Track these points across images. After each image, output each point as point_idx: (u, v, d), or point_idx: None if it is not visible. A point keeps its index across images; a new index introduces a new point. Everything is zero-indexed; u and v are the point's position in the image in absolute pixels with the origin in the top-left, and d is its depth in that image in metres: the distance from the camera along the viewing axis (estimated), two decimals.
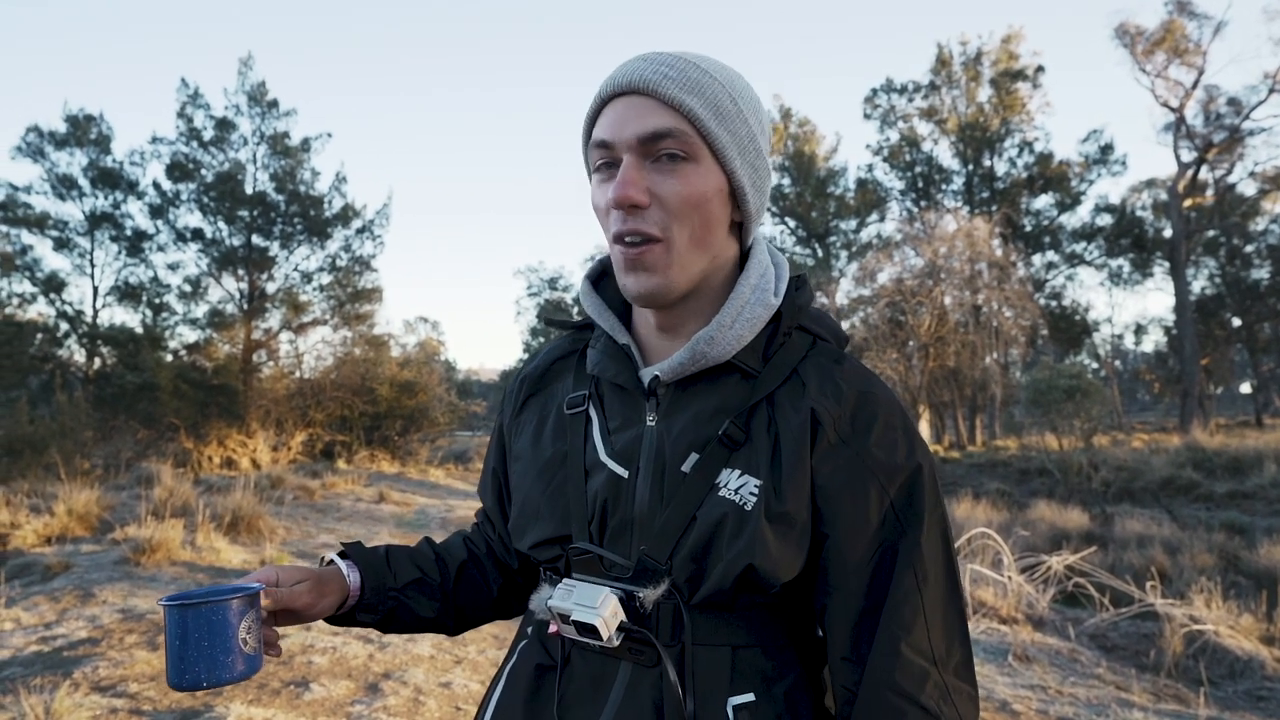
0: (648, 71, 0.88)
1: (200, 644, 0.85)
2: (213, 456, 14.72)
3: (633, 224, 0.88)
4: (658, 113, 0.88)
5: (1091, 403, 18.21)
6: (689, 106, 0.87)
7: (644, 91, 0.88)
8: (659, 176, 0.88)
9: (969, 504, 12.64)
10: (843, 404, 0.90)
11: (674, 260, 0.89)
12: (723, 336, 0.91)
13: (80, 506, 7.02)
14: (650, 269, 0.89)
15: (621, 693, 0.88)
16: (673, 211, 0.88)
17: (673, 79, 0.88)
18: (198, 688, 0.86)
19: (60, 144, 21.17)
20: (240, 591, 0.89)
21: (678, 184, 0.88)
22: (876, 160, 35.41)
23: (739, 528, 0.86)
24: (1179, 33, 29.08)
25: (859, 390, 0.92)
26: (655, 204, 0.88)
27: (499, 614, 1.17)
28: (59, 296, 20.99)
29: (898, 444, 0.90)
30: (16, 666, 3.77)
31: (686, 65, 0.90)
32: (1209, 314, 34.11)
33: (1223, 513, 13.04)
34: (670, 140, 0.88)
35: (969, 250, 23.99)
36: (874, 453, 0.88)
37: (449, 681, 3.84)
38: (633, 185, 0.87)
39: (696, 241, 0.90)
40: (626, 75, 0.89)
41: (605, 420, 0.98)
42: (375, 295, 22.87)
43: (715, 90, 0.90)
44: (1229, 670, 5.36)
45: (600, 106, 0.92)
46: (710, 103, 0.89)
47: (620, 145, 0.89)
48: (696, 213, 0.89)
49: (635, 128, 0.88)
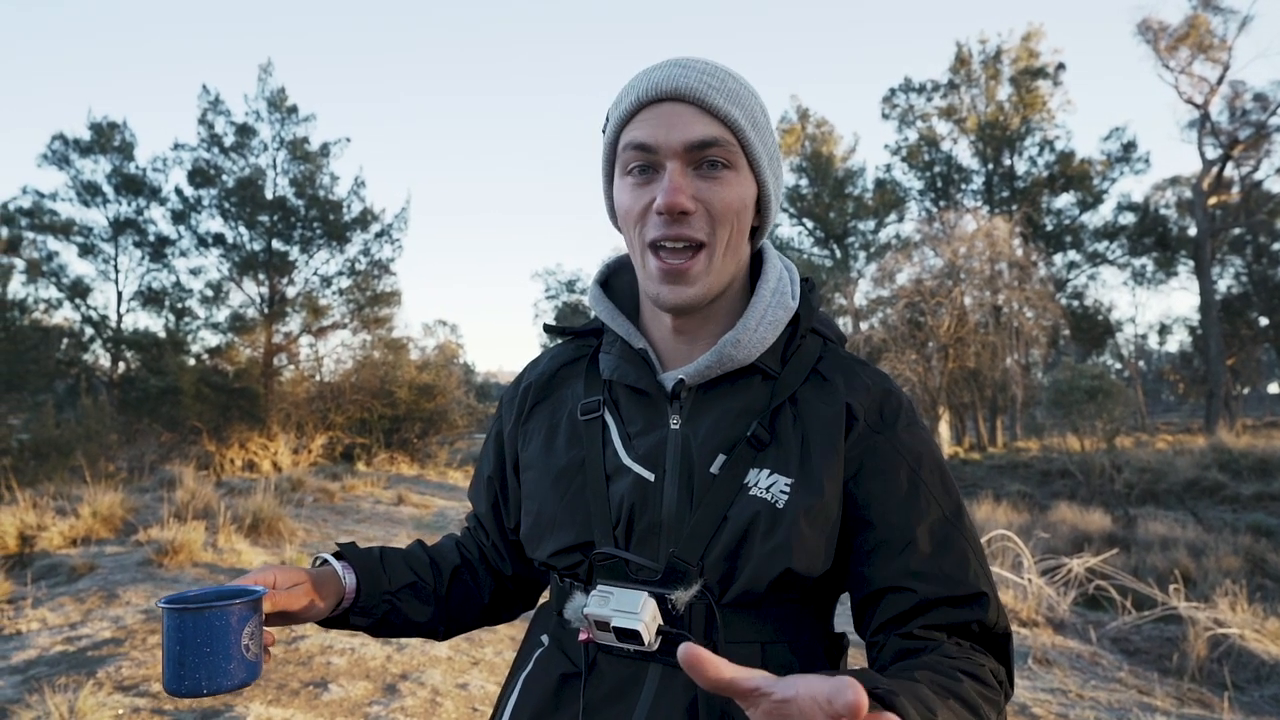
0: (691, 79, 0.90)
1: (201, 649, 0.82)
2: (234, 459, 14.85)
3: (678, 229, 0.90)
4: (704, 121, 0.90)
5: (1114, 404, 17.99)
6: (734, 117, 0.91)
7: (689, 99, 0.90)
8: (703, 183, 0.91)
9: (989, 505, 12.54)
10: (871, 398, 0.96)
11: (713, 268, 0.92)
12: (748, 339, 0.94)
13: (105, 509, 7.11)
14: (691, 280, 0.92)
15: (653, 696, 0.89)
16: (717, 218, 0.91)
17: (717, 89, 0.90)
18: (197, 695, 0.82)
19: (85, 151, 21.50)
20: (244, 596, 0.87)
21: (723, 191, 0.91)
22: (895, 160, 35.23)
23: (772, 526, 0.88)
24: (1203, 28, 28.70)
25: (882, 388, 0.98)
26: (701, 210, 0.91)
27: (489, 620, 1.17)
28: (84, 302, 21.32)
29: (917, 434, 0.96)
30: (42, 666, 3.83)
31: (726, 76, 0.93)
32: (1235, 313, 33.65)
33: (1249, 515, 12.87)
34: (716, 149, 0.90)
35: (989, 250, 23.78)
36: (902, 438, 0.94)
37: (466, 683, 3.86)
38: (683, 192, 0.89)
39: (731, 248, 0.94)
40: (671, 81, 0.90)
41: (624, 424, 0.98)
42: (394, 299, 23.05)
43: (751, 102, 0.94)
44: (1254, 675, 5.28)
45: (637, 109, 0.92)
46: (749, 114, 0.93)
47: (666, 150, 0.90)
48: (736, 219, 0.93)
49: (682, 134, 0.89)
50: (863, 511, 0.91)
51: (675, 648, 0.88)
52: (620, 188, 0.95)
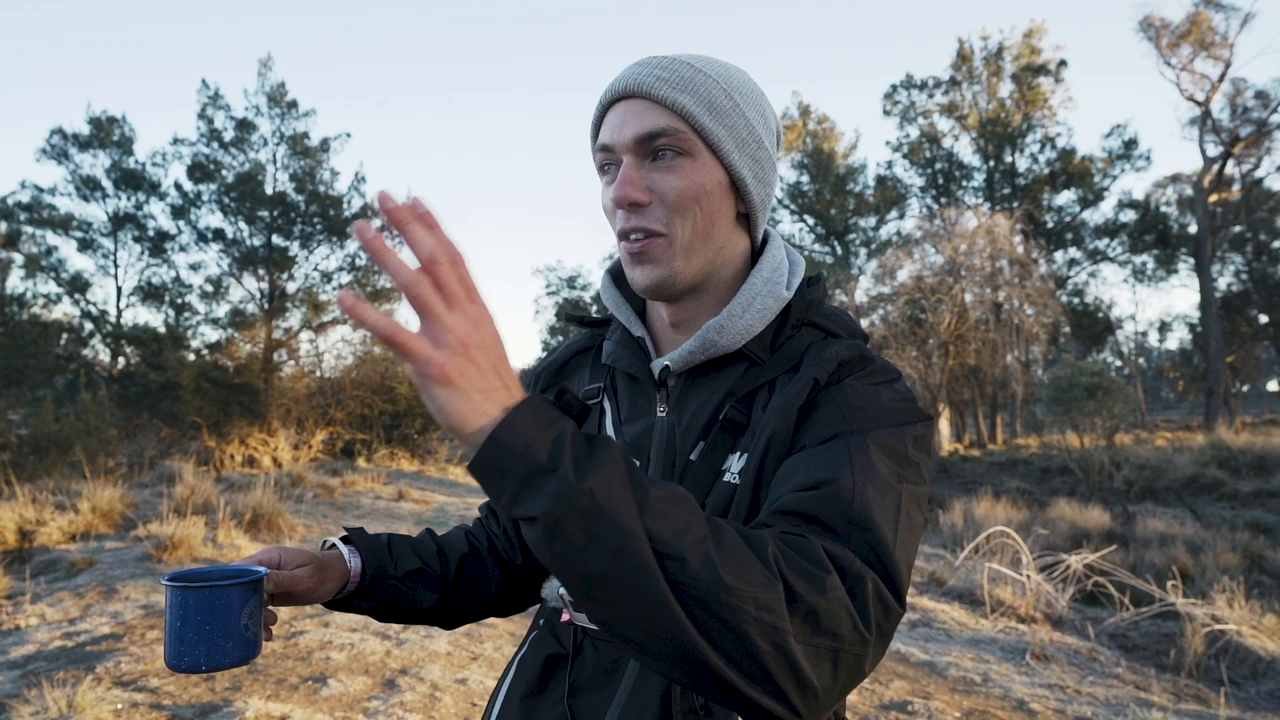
0: (642, 75, 0.92)
1: (201, 627, 0.84)
2: (234, 455, 14.86)
3: (635, 221, 0.92)
4: (652, 113, 0.91)
5: (1114, 401, 18.01)
6: (681, 104, 0.90)
7: (639, 94, 0.91)
8: (657, 175, 0.91)
9: (989, 502, 12.55)
10: (835, 364, 0.89)
11: (677, 252, 0.92)
12: (733, 325, 0.93)
13: (104, 504, 7.12)
14: (654, 261, 0.92)
15: (633, 679, 0.90)
16: (672, 206, 0.91)
17: (665, 79, 0.91)
18: (195, 670, 0.84)
19: (84, 146, 21.49)
20: (245, 576, 0.88)
21: (675, 179, 0.91)
22: (896, 157, 35.22)
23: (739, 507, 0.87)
24: (1205, 25, 28.68)
25: (857, 354, 0.91)
26: (656, 201, 0.91)
27: (495, 610, 1.17)
28: (84, 297, 21.33)
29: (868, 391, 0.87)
30: (41, 661, 3.84)
31: (680, 65, 0.92)
32: (1235, 310, 33.68)
33: (1247, 512, 12.89)
34: (665, 138, 0.90)
35: (990, 247, 23.77)
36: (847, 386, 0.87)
37: (465, 678, 3.86)
38: (631, 184, 0.90)
39: (700, 234, 0.92)
40: (623, 80, 0.93)
41: (618, 411, 1.00)
42: (395, 294, 23.03)
43: (709, 87, 0.92)
44: (1251, 671, 5.30)
45: (603, 113, 0.96)
46: (704, 99, 0.91)
47: (620, 147, 0.92)
48: (697, 206, 0.91)
49: (632, 129, 0.91)
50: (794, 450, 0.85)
51: None
52: (601, 187, 0.97)
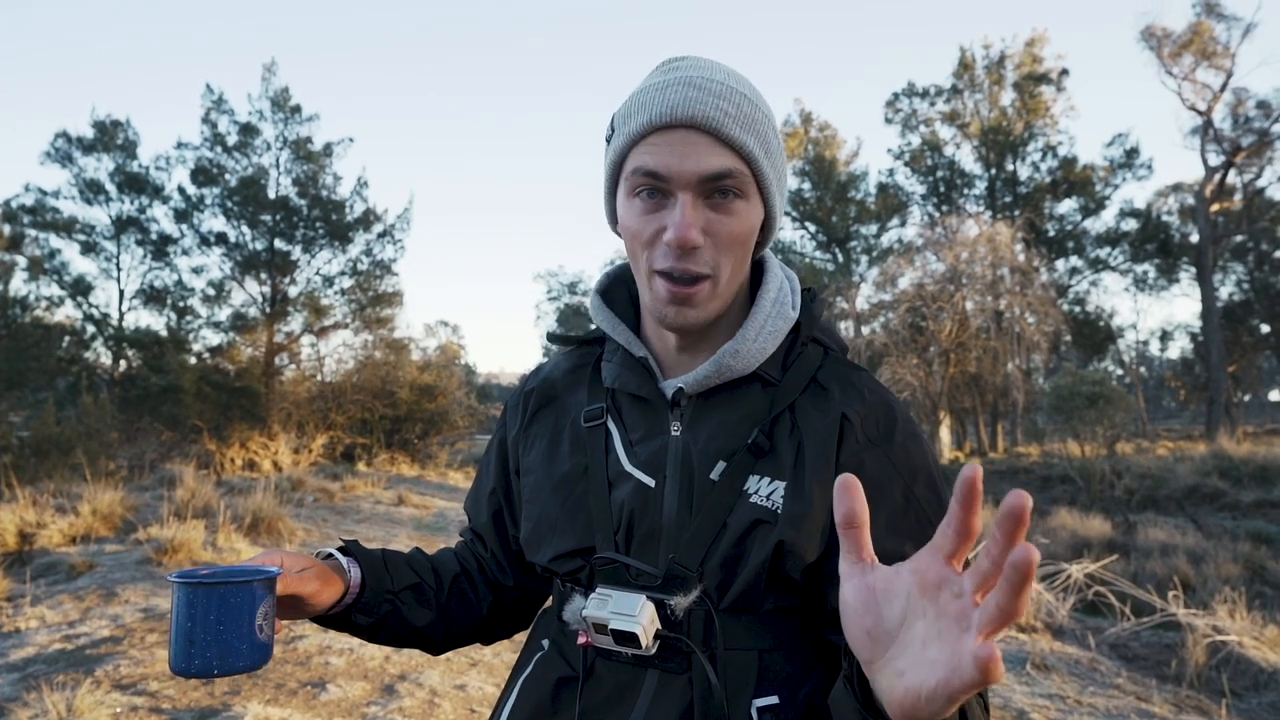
0: (708, 107, 0.86)
1: (215, 627, 0.80)
2: (235, 459, 14.86)
3: (686, 263, 0.88)
4: (718, 152, 0.87)
5: (1115, 409, 17.98)
6: (750, 149, 0.88)
7: (704, 128, 0.86)
8: (713, 214, 0.89)
9: (989, 510, 12.51)
10: (867, 409, 0.95)
11: (718, 294, 0.92)
12: (747, 350, 0.94)
13: (105, 507, 7.12)
14: (699, 305, 0.91)
15: (649, 701, 0.89)
16: (724, 248, 0.90)
17: (733, 116, 0.87)
18: (207, 675, 0.79)
19: (88, 149, 21.53)
20: (259, 574, 0.83)
21: (734, 224, 0.89)
22: (898, 165, 35.20)
23: (770, 532, 0.88)
24: (1207, 35, 28.70)
25: (879, 399, 0.96)
26: (707, 242, 0.89)
27: (483, 635, 1.15)
28: (86, 300, 21.34)
29: (916, 445, 0.95)
30: (40, 664, 3.83)
31: (743, 101, 0.89)
32: (1237, 320, 33.62)
33: (1249, 522, 12.86)
34: (730, 180, 0.88)
35: (991, 255, 23.78)
36: (897, 452, 0.93)
37: (464, 684, 3.86)
38: (694, 227, 0.87)
39: (735, 273, 0.93)
40: (686, 106, 0.86)
41: (626, 431, 0.99)
42: (396, 299, 23.07)
43: (766, 127, 0.91)
44: (1253, 682, 5.28)
45: (648, 131, 0.88)
46: (763, 140, 0.90)
47: (678, 181, 0.87)
48: (741, 248, 0.92)
49: (696, 166, 0.86)
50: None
51: (673, 653, 0.88)
52: (627, 207, 0.92)
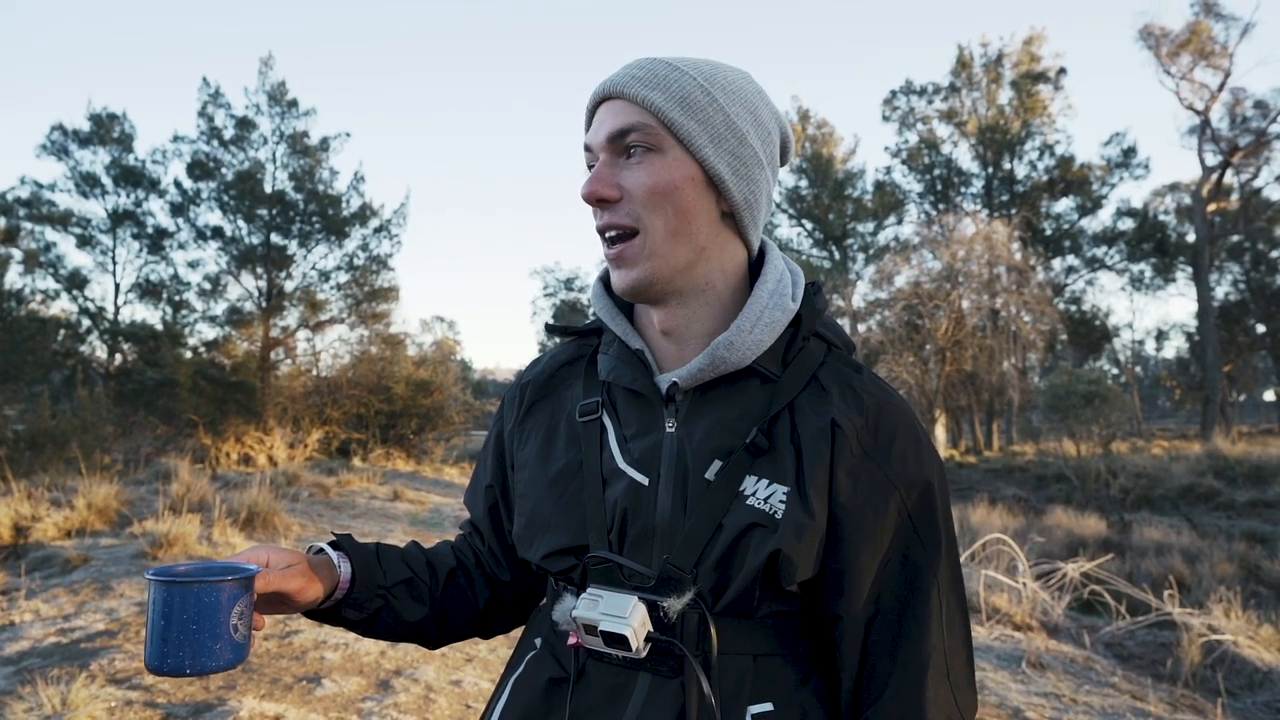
0: (620, 76, 0.94)
1: (187, 626, 0.78)
2: (230, 453, 14.81)
3: (608, 218, 0.92)
4: (625, 111, 0.92)
5: (1110, 409, 18.04)
6: (651, 100, 0.90)
7: (616, 95, 0.93)
8: (627, 171, 0.92)
9: (985, 509, 12.55)
10: (865, 414, 0.91)
11: (652, 251, 0.91)
12: (741, 341, 0.91)
13: (100, 501, 7.10)
14: (630, 263, 0.92)
15: (640, 705, 0.86)
16: (641, 201, 0.90)
17: (639, 78, 0.92)
18: (178, 674, 0.78)
19: (84, 142, 21.48)
20: (236, 573, 0.82)
21: (642, 175, 0.91)
22: (895, 162, 35.27)
23: (767, 536, 0.85)
24: (1205, 34, 28.75)
25: (879, 401, 0.92)
26: (626, 197, 0.91)
27: (480, 630, 1.13)
28: (81, 293, 21.31)
29: (916, 456, 0.91)
30: (35, 657, 3.82)
31: (657, 65, 0.93)
32: (1232, 320, 33.72)
33: (1244, 521, 12.91)
34: (634, 134, 0.91)
35: (988, 254, 23.82)
36: (894, 465, 0.90)
37: (459, 679, 3.85)
38: (599, 180, 0.92)
39: (674, 231, 0.91)
40: (603, 84, 0.95)
41: (620, 427, 0.96)
42: (392, 294, 23.05)
43: (684, 83, 0.92)
44: (1248, 681, 5.30)
45: (589, 117, 0.98)
46: (676, 95, 0.91)
47: (596, 148, 0.94)
48: (668, 202, 0.90)
49: (606, 128, 0.93)
50: (844, 535, 0.88)
51: (665, 657, 0.86)
52: None
